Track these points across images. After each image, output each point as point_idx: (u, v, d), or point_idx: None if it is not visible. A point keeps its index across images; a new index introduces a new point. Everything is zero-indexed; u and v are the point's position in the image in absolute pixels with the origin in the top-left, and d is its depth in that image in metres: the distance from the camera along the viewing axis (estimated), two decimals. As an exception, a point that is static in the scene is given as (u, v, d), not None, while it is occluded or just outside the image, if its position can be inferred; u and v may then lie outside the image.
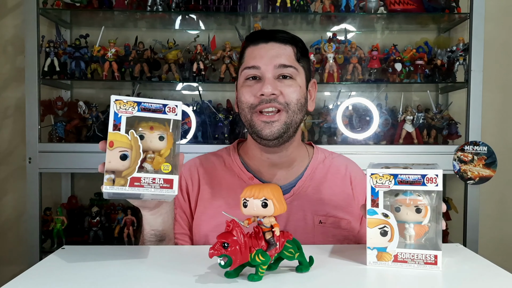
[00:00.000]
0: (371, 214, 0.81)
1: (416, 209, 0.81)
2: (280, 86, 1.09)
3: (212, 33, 2.12)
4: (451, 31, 2.23)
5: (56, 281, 0.74)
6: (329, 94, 2.25)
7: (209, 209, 1.15)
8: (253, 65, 1.10)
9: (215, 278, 0.74)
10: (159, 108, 0.83)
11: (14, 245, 2.20)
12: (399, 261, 0.80)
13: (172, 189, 0.81)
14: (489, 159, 1.93)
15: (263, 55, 1.10)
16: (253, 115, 1.10)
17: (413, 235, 0.82)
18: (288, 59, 1.11)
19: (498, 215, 2.28)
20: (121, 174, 0.79)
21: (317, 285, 0.73)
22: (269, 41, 1.12)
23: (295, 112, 1.10)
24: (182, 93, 2.26)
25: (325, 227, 1.12)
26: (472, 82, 1.93)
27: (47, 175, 2.04)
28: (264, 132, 1.09)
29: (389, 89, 2.17)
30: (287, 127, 1.10)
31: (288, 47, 1.12)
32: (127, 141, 0.80)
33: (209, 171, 1.21)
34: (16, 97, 2.19)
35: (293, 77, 1.11)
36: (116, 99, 0.81)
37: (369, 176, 0.81)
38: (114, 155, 0.79)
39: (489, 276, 0.78)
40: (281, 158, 1.17)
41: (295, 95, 1.10)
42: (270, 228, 0.74)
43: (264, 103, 1.08)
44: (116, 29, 2.22)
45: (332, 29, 2.23)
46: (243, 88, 1.12)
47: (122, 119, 0.80)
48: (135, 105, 0.81)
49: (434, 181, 0.78)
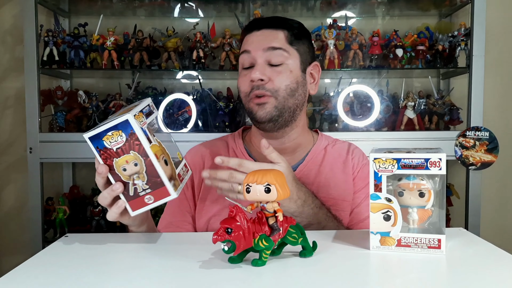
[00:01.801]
0: (374, 199, 0.80)
1: (419, 193, 0.81)
2: (269, 72, 1.11)
3: (211, 20, 2.10)
4: (453, 16, 2.21)
5: (60, 268, 0.74)
6: (330, 81, 2.24)
7: (212, 194, 1.16)
8: (245, 49, 1.14)
9: (219, 264, 0.74)
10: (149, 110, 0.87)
11: (16, 235, 2.21)
12: (403, 246, 0.80)
13: (189, 170, 0.94)
14: (491, 145, 1.93)
15: (253, 40, 1.14)
16: (249, 102, 1.14)
17: (416, 220, 0.82)
18: (278, 42, 1.13)
19: (499, 200, 2.28)
20: (173, 176, 0.85)
21: (320, 269, 0.73)
22: (261, 28, 1.15)
23: (285, 97, 1.12)
24: (182, 81, 2.25)
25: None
26: (474, 67, 1.91)
27: (49, 165, 2.04)
28: (258, 114, 1.12)
29: (390, 75, 2.16)
30: (279, 111, 1.11)
31: (279, 32, 1.14)
32: (160, 148, 0.85)
33: (213, 156, 1.21)
34: (16, 87, 2.18)
35: (283, 61, 1.12)
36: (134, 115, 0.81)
37: (372, 160, 0.80)
38: (162, 164, 0.83)
39: (494, 259, 0.78)
40: (283, 145, 1.19)
41: (284, 81, 1.11)
42: (273, 213, 0.74)
43: (255, 89, 1.11)
44: (114, 17, 2.21)
45: (333, 15, 2.21)
46: (241, 77, 1.16)
47: (147, 131, 0.83)
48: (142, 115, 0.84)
49: (438, 165, 0.77)
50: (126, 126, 0.80)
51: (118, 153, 0.82)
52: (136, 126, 0.80)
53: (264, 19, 1.19)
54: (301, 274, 0.71)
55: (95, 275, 0.71)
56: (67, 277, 0.70)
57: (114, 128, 0.81)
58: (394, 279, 0.70)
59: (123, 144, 0.81)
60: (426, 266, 0.74)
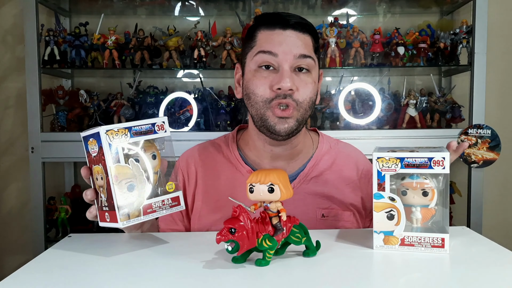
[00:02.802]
0: (378, 198, 0.80)
1: (423, 193, 0.80)
2: (296, 81, 1.01)
3: (212, 19, 2.10)
4: (454, 13, 2.21)
5: (64, 269, 0.74)
6: (331, 79, 2.24)
7: (208, 203, 1.12)
8: (270, 50, 1.01)
9: (222, 264, 0.74)
10: (149, 128, 0.82)
11: (18, 235, 2.21)
12: (406, 245, 0.80)
13: (180, 205, 0.86)
14: (493, 142, 1.91)
15: (281, 42, 1.01)
16: (267, 110, 1.02)
17: (420, 219, 0.81)
18: (307, 49, 1.03)
19: (501, 198, 2.28)
20: (133, 205, 0.79)
21: (324, 269, 0.73)
22: (287, 28, 1.02)
23: (306, 110, 1.04)
24: (183, 80, 2.25)
25: (328, 221, 1.08)
26: (476, 65, 1.91)
27: (50, 165, 2.04)
28: (278, 127, 1.02)
29: (392, 73, 2.15)
30: (299, 124, 1.04)
31: (307, 36, 1.04)
32: (129, 171, 0.79)
33: (207, 163, 1.16)
34: (17, 87, 2.18)
35: (310, 69, 1.03)
36: (106, 129, 0.77)
37: (375, 159, 0.80)
38: (121, 189, 0.78)
39: (497, 258, 0.77)
40: (286, 151, 1.12)
41: (308, 93, 1.03)
42: (276, 213, 0.74)
43: (281, 98, 1.00)
44: (115, 16, 2.20)
45: (334, 13, 2.20)
46: (257, 79, 1.03)
47: (118, 149, 0.78)
48: (127, 131, 0.79)
49: (441, 164, 0.77)
50: (98, 138, 0.78)
51: (95, 161, 0.81)
52: (104, 141, 0.77)
53: (288, 16, 1.04)
54: (305, 274, 0.71)
55: (99, 276, 0.71)
56: (71, 278, 0.70)
57: (92, 136, 0.80)
58: (397, 278, 0.69)
59: (97, 154, 0.80)
60: (429, 265, 0.74)
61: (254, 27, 1.07)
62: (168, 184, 0.84)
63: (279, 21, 1.03)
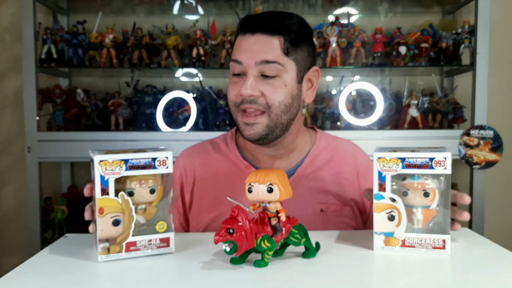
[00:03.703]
0: (378, 199, 0.79)
1: (424, 193, 0.79)
2: (262, 86, 1.01)
3: (211, 18, 2.08)
4: (456, 13, 2.19)
5: (60, 269, 0.73)
6: (332, 79, 2.22)
7: (207, 200, 1.12)
8: (236, 58, 1.03)
9: (221, 265, 0.73)
10: (149, 163, 0.77)
11: (15, 236, 2.20)
12: (407, 246, 0.78)
13: (169, 247, 0.79)
14: (495, 143, 1.89)
15: (246, 49, 1.02)
16: (238, 114, 1.05)
17: (421, 220, 0.80)
18: (272, 54, 1.01)
19: (503, 199, 2.26)
20: (116, 240, 0.75)
21: (323, 270, 0.72)
22: (255, 32, 1.02)
23: (278, 115, 1.02)
24: (181, 79, 2.23)
25: (327, 216, 1.08)
26: (478, 65, 1.90)
27: (47, 165, 2.03)
28: (245, 133, 1.04)
29: (393, 73, 2.14)
30: (270, 129, 1.03)
31: (275, 39, 1.02)
32: (118, 205, 0.75)
33: (205, 160, 1.17)
34: (14, 86, 2.16)
35: (279, 74, 1.02)
36: (100, 160, 0.74)
37: (376, 160, 0.78)
38: (106, 222, 0.75)
39: (498, 259, 0.76)
40: (278, 151, 1.12)
41: (277, 97, 1.01)
42: (275, 214, 0.73)
43: (246, 103, 1.01)
44: (113, 15, 2.19)
45: (335, 13, 2.19)
46: (230, 85, 1.07)
47: (109, 182, 0.74)
48: (122, 164, 0.75)
49: (443, 164, 0.76)
50: (93, 165, 0.75)
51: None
52: (96, 171, 0.74)
53: (260, 19, 1.05)
54: (304, 275, 0.70)
55: (95, 276, 0.70)
56: (67, 278, 0.69)
57: (92, 160, 0.76)
58: (398, 280, 0.68)
59: (93, 179, 0.77)
60: (430, 267, 0.73)
61: (237, 34, 1.10)
62: (160, 223, 0.78)
63: (250, 25, 1.04)
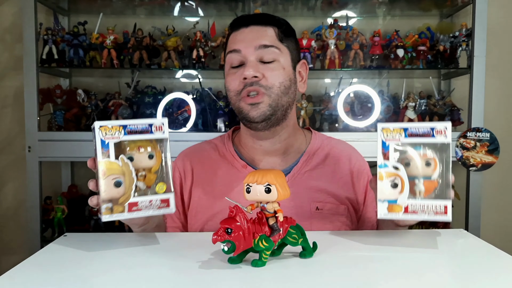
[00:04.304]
0: (382, 167, 0.82)
1: (426, 163, 0.82)
2: (262, 69, 1.07)
3: (211, 19, 2.09)
4: (454, 16, 2.21)
5: (59, 268, 0.74)
6: (330, 81, 2.23)
7: (204, 199, 1.14)
8: (234, 48, 1.09)
9: (218, 264, 0.74)
10: (146, 128, 0.82)
11: (14, 234, 2.21)
12: (410, 213, 0.81)
13: (170, 207, 0.83)
14: (492, 146, 1.91)
15: (243, 39, 1.10)
16: (240, 101, 1.09)
17: (423, 191, 0.82)
18: (269, 39, 1.09)
19: (500, 201, 2.27)
20: (118, 201, 0.80)
21: (320, 270, 0.72)
22: (249, 25, 1.11)
23: (279, 95, 1.08)
24: (181, 80, 2.24)
25: (323, 214, 1.10)
26: (475, 68, 1.91)
27: (47, 164, 2.03)
28: (251, 114, 1.08)
29: (391, 75, 2.15)
30: (273, 109, 1.08)
31: (269, 28, 1.11)
32: (118, 167, 0.80)
33: (203, 160, 1.19)
34: (15, 85, 2.17)
35: (276, 58, 1.09)
36: (100, 125, 0.80)
37: (380, 130, 0.82)
38: (108, 184, 0.80)
39: (494, 261, 0.77)
40: (274, 145, 1.15)
41: (277, 78, 1.08)
42: (273, 214, 0.74)
43: (248, 86, 1.07)
44: (114, 16, 2.20)
45: (334, 15, 2.20)
46: (228, 75, 1.12)
47: (110, 145, 0.80)
48: (121, 129, 0.81)
49: (443, 133, 0.80)
50: (94, 132, 0.80)
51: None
52: (97, 136, 0.79)
53: (251, 16, 1.15)
54: (301, 274, 0.70)
55: (93, 275, 0.71)
56: (65, 277, 0.69)
57: (93, 130, 0.81)
58: (394, 280, 0.69)
59: (94, 147, 0.81)
60: (426, 268, 0.73)
61: (228, 34, 1.16)
62: (159, 184, 0.83)
63: (243, 21, 1.12)
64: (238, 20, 1.14)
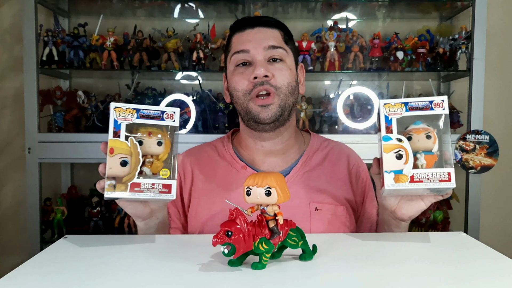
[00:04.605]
0: (386, 140, 0.86)
1: (426, 136, 0.85)
2: (271, 69, 1.09)
3: (211, 21, 2.10)
4: (453, 19, 2.21)
5: (60, 270, 0.74)
6: (330, 83, 2.24)
7: (204, 200, 1.14)
8: (242, 49, 1.10)
9: (219, 267, 0.74)
10: (157, 114, 0.87)
11: (14, 236, 2.20)
12: (415, 181, 0.83)
13: (171, 193, 0.85)
14: (491, 148, 1.93)
15: (251, 39, 1.11)
16: (249, 101, 1.10)
17: (425, 164, 0.85)
18: (276, 41, 1.11)
19: (499, 203, 2.28)
20: (122, 180, 0.83)
21: (320, 273, 0.73)
22: (255, 26, 1.12)
23: (287, 95, 1.10)
24: (181, 82, 2.25)
25: (322, 214, 1.10)
26: (474, 71, 1.91)
27: (47, 166, 2.03)
28: (262, 116, 1.08)
29: (391, 77, 2.15)
30: (282, 110, 1.10)
31: (274, 30, 1.13)
32: (127, 147, 0.84)
33: (203, 162, 1.20)
34: (15, 87, 2.17)
35: (283, 59, 1.11)
36: (115, 106, 0.84)
37: (382, 106, 0.87)
38: (114, 162, 0.83)
39: (493, 263, 0.77)
40: (276, 146, 1.16)
41: (285, 78, 1.10)
42: (273, 217, 0.74)
43: (258, 85, 1.07)
44: (114, 17, 2.20)
45: (333, 17, 2.20)
46: (235, 75, 1.12)
47: (121, 126, 0.84)
48: (134, 112, 0.85)
49: (441, 105, 0.85)
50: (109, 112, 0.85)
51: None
52: (111, 115, 0.84)
53: (256, 18, 1.17)
54: (301, 277, 0.70)
55: (94, 277, 0.71)
56: (66, 279, 0.70)
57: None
58: (393, 283, 0.69)
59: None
60: (425, 270, 0.74)
61: (230, 35, 1.17)
62: (163, 170, 0.85)
63: (248, 22, 1.14)
64: (242, 22, 1.16)
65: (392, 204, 0.96)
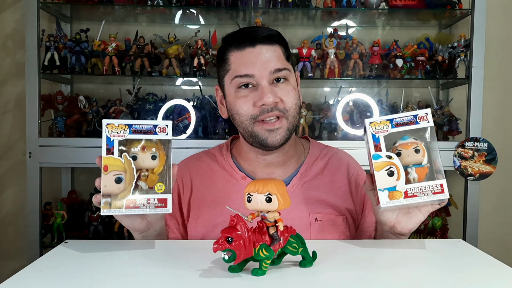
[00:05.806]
0: (376, 158, 0.86)
1: (415, 150, 0.86)
2: (278, 93, 1.04)
3: (212, 28, 2.11)
4: (452, 27, 2.23)
5: (60, 275, 0.74)
6: (330, 90, 2.25)
7: (204, 211, 1.13)
8: (246, 73, 1.04)
9: (219, 273, 0.74)
10: (150, 129, 0.86)
11: (14, 240, 2.20)
12: (410, 196, 0.84)
13: (167, 207, 0.86)
14: (490, 156, 1.94)
15: (254, 61, 1.04)
16: (255, 125, 1.06)
17: (417, 177, 0.86)
18: (280, 61, 1.06)
19: (497, 211, 2.28)
20: (117, 197, 0.84)
21: (320, 279, 0.73)
22: (256, 44, 1.05)
23: (295, 117, 1.07)
24: (182, 88, 2.26)
25: (322, 225, 1.09)
26: (473, 79, 1.92)
27: (47, 170, 2.04)
28: (270, 140, 1.05)
29: (390, 85, 2.16)
30: (290, 132, 1.08)
31: (276, 48, 1.07)
32: (121, 164, 0.84)
33: (202, 171, 1.18)
34: (16, 91, 2.18)
35: (287, 78, 1.07)
36: (107, 123, 0.84)
37: (368, 125, 0.87)
38: (109, 179, 0.83)
39: (492, 271, 0.78)
40: (278, 158, 1.14)
41: (292, 100, 1.06)
42: (274, 223, 0.74)
43: (266, 112, 1.03)
44: (116, 23, 2.21)
45: (333, 25, 2.22)
46: (238, 99, 1.06)
47: (114, 142, 0.84)
48: (127, 128, 0.85)
49: (425, 118, 0.86)
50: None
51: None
52: (103, 133, 0.84)
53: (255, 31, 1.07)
54: (301, 284, 0.71)
55: (94, 283, 0.71)
56: (66, 285, 0.70)
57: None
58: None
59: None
60: (424, 278, 0.74)
61: (224, 49, 1.09)
62: (158, 184, 0.86)
63: (247, 38, 1.06)
64: (240, 36, 1.08)
65: (390, 219, 0.96)
